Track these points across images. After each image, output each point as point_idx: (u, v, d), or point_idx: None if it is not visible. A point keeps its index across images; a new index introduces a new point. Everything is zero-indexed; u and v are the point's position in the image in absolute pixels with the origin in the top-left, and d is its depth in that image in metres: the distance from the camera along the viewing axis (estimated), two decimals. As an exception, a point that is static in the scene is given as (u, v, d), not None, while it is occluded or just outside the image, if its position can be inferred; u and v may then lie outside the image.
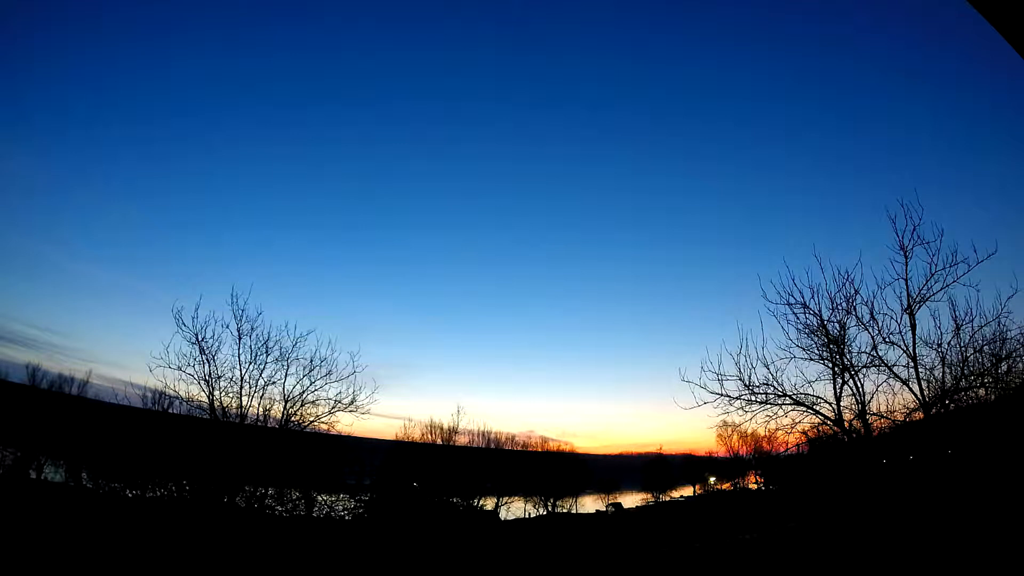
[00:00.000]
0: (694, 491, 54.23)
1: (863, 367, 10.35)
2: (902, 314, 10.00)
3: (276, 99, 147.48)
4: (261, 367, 13.50)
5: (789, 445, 14.50)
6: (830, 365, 10.64)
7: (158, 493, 14.76)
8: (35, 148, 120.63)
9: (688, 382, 11.05)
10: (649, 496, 53.25)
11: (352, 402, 14.04)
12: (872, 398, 10.37)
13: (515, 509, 36.16)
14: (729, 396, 10.95)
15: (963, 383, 9.93)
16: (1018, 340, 10.26)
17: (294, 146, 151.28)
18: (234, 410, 13.23)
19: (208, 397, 13.05)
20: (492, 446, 34.01)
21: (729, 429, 35.38)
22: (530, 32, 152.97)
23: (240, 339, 13.35)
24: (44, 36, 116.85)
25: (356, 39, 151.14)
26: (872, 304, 10.20)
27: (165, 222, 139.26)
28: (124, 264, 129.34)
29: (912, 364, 9.87)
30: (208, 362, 13.06)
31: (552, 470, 37.39)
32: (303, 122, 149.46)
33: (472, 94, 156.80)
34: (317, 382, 13.91)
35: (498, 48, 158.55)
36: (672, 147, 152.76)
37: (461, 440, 29.27)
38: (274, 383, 13.67)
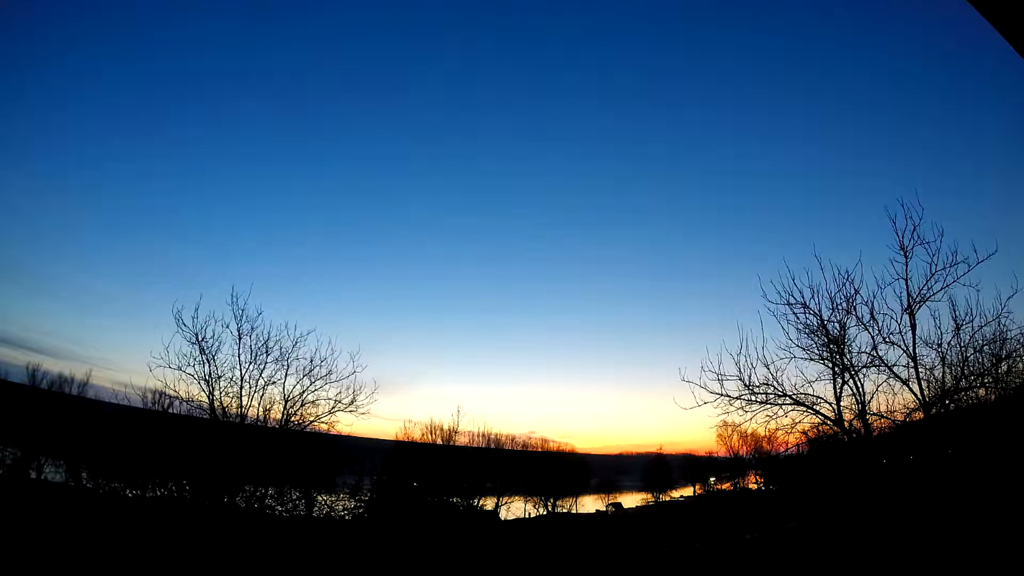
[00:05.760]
0: (694, 491, 54.21)
1: (863, 367, 10.35)
2: (902, 314, 10.00)
3: (276, 98, 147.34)
4: (261, 367, 13.52)
5: (789, 445, 14.51)
6: (830, 365, 10.63)
7: (158, 493, 14.77)
8: (34, 148, 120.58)
9: (688, 382, 11.05)
10: (649, 496, 53.29)
11: (352, 402, 14.07)
12: (872, 398, 10.38)
13: (515, 509, 36.20)
14: (729, 396, 10.95)
15: (963, 383, 9.93)
16: (1018, 340, 10.29)
17: (295, 146, 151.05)
18: (234, 410, 13.24)
19: (208, 397, 13.07)
20: (492, 446, 34.06)
21: (729, 429, 35.51)
22: (529, 27, 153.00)
23: (240, 339, 13.37)
24: (40, 37, 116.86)
25: (361, 36, 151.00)
26: (872, 304, 10.22)
27: (165, 222, 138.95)
28: (123, 264, 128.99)
29: (912, 364, 9.87)
30: (208, 362, 13.09)
31: (552, 470, 37.45)
32: (304, 122, 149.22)
33: (470, 93, 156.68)
34: (317, 382, 13.93)
35: (498, 48, 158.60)
36: (672, 146, 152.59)
37: (461, 440, 29.33)
38: (274, 383, 13.69)
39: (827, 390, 10.65)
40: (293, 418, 13.81)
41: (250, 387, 13.37)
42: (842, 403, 10.46)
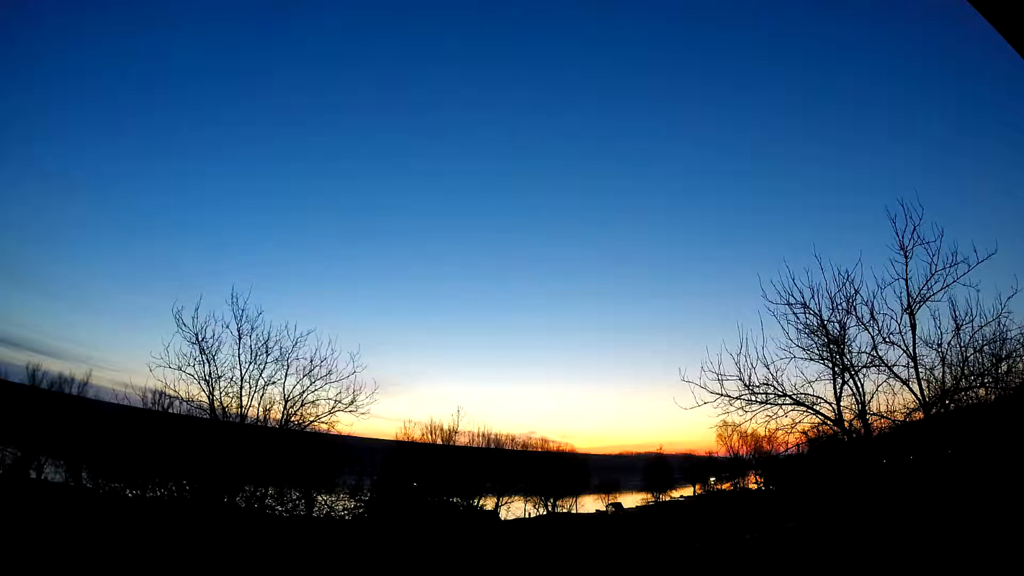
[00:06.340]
0: (694, 491, 54.21)
1: (863, 367, 10.35)
2: (902, 314, 10.00)
3: (277, 98, 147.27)
4: (261, 367, 13.53)
5: (789, 445, 14.52)
6: (830, 365, 10.63)
7: (158, 493, 14.77)
8: (33, 147, 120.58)
9: (688, 382, 11.05)
10: (649, 496, 53.27)
11: (352, 402, 14.07)
12: (872, 398, 10.39)
13: (515, 509, 36.16)
14: (729, 396, 10.94)
15: (963, 383, 9.93)
16: (1018, 340, 10.30)
17: (295, 146, 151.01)
18: (234, 410, 13.24)
19: (208, 397, 13.07)
20: (492, 446, 34.02)
21: (729, 429, 35.38)
22: (529, 30, 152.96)
23: (240, 339, 13.39)
24: (41, 38, 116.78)
25: (361, 36, 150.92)
26: (872, 304, 10.22)
27: (165, 222, 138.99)
28: (123, 264, 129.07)
29: (912, 364, 9.87)
30: (208, 362, 13.10)
31: (552, 470, 37.42)
32: (304, 122, 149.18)
33: (471, 93, 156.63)
34: (317, 382, 13.93)
35: (498, 48, 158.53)
36: (672, 146, 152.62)
37: (461, 440, 29.29)
38: (274, 383, 13.70)
39: (827, 390, 10.66)
40: (293, 418, 13.81)
41: (250, 387, 13.39)
42: (842, 403, 10.47)
